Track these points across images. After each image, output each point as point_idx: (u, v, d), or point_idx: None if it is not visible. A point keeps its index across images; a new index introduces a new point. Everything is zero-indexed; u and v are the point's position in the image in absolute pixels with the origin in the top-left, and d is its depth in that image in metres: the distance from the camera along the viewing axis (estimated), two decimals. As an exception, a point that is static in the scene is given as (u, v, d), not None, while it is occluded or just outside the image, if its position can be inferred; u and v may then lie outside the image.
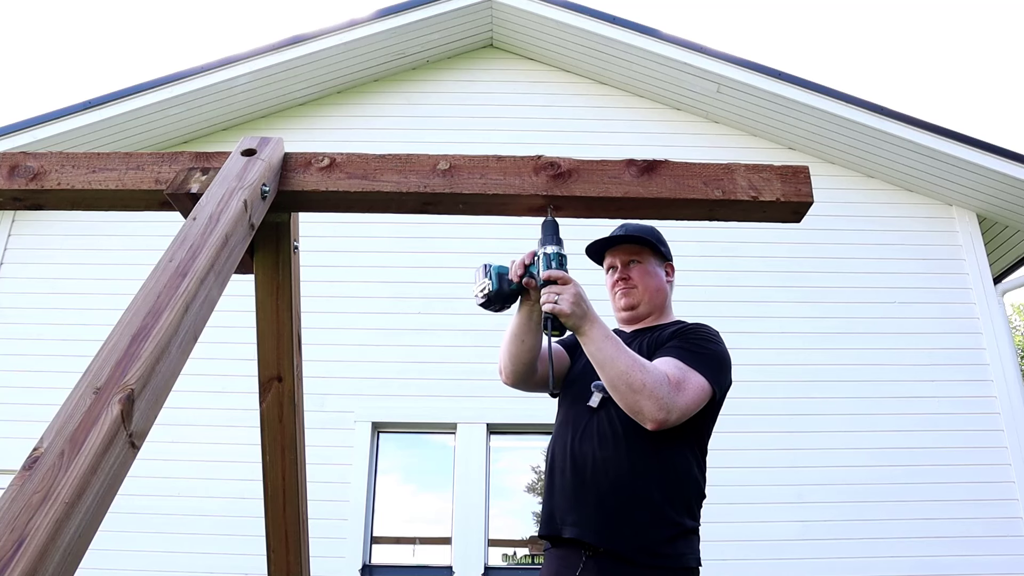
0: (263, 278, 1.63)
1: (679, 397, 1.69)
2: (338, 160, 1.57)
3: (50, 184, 1.53)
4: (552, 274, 1.61)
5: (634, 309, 2.02)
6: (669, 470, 1.77)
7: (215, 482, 4.91)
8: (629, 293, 2.02)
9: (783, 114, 5.81)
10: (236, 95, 5.85)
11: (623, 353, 1.65)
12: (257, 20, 43.10)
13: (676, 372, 1.73)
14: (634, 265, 2.04)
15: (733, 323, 5.33)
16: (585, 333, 1.64)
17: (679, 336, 1.89)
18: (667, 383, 1.67)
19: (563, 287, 1.60)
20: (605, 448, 1.77)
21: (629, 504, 1.72)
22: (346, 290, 5.48)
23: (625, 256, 2.05)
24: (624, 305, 2.03)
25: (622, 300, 2.03)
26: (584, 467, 1.78)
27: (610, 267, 2.09)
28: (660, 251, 2.08)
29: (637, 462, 1.74)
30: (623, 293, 2.03)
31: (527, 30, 6.14)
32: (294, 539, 1.89)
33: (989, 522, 4.84)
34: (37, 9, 37.18)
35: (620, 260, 2.05)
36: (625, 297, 2.02)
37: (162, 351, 1.05)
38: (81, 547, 0.87)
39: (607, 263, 2.11)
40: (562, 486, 1.82)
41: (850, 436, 5.06)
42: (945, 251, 5.68)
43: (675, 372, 1.73)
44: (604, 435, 1.79)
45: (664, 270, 2.09)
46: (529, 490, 5.25)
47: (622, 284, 2.03)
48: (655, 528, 1.71)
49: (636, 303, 2.02)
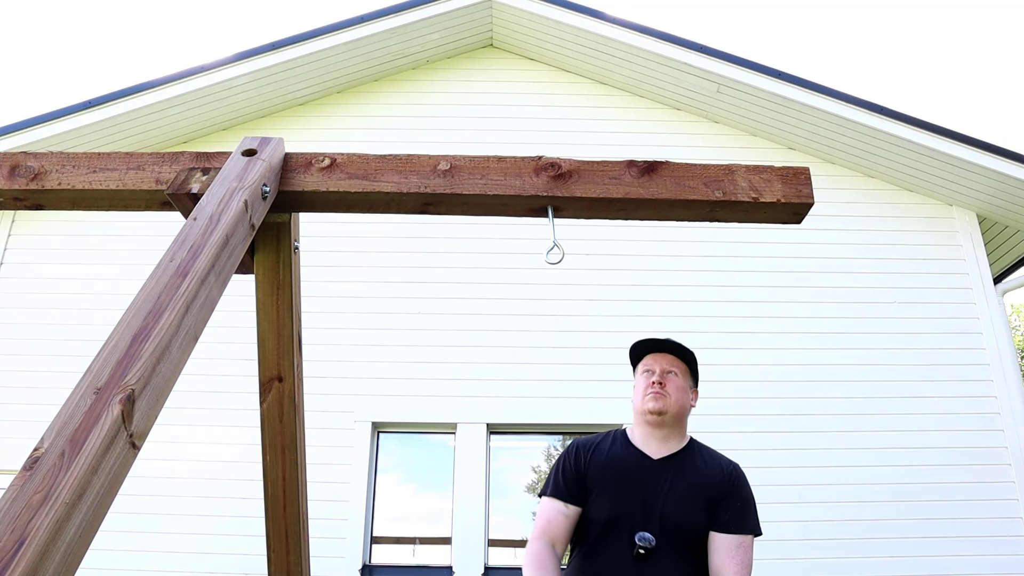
0: (263, 278, 1.63)
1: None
2: (339, 160, 1.57)
3: (50, 184, 1.53)
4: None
5: (661, 415, 2.09)
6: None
7: (215, 482, 4.90)
8: (660, 398, 2.09)
9: (783, 114, 5.81)
10: (236, 95, 5.85)
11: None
12: (257, 20, 43.09)
13: (740, 572, 1.94)
14: (671, 376, 2.13)
15: (733, 323, 5.34)
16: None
17: (734, 511, 2.01)
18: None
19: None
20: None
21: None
22: (346, 290, 5.48)
23: (667, 365, 2.15)
24: (653, 408, 2.09)
25: (651, 403, 2.09)
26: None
27: (646, 369, 2.17)
28: (695, 374, 2.21)
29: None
30: (655, 396, 2.09)
31: (527, 30, 6.14)
32: (294, 539, 1.89)
33: (989, 522, 4.84)
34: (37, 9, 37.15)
35: (660, 367, 2.15)
36: (655, 401, 2.09)
37: (163, 351, 1.05)
38: (81, 547, 0.87)
39: (645, 365, 2.19)
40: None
41: (850, 436, 5.06)
42: (945, 251, 5.68)
43: (741, 572, 1.93)
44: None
45: (692, 394, 2.20)
46: (529, 490, 5.25)
47: (657, 387, 2.10)
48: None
49: (665, 410, 2.08)
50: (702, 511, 1.99)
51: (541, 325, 5.28)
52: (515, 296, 5.37)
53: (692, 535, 1.96)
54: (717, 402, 4.72)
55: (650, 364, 2.16)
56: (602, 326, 5.26)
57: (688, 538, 1.96)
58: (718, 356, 5.15)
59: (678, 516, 1.96)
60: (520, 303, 5.34)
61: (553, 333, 5.25)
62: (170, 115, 5.78)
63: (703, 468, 2.07)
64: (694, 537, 1.97)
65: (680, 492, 2.00)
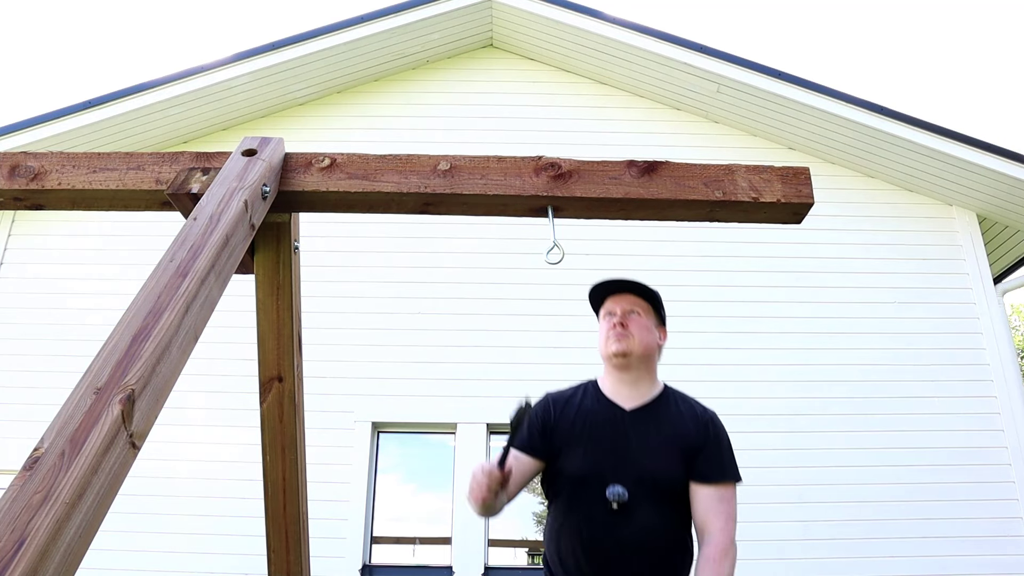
0: (263, 278, 1.63)
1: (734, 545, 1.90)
2: (339, 160, 1.57)
3: (50, 184, 1.53)
4: None
5: (625, 356, 2.00)
6: (687, 557, 1.96)
7: (215, 482, 4.90)
8: (623, 339, 2.00)
9: (783, 114, 5.81)
10: (236, 95, 5.85)
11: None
12: (257, 20, 43.09)
13: (726, 526, 1.89)
14: (634, 316, 2.05)
15: (733, 323, 5.34)
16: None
17: (713, 460, 1.96)
18: (729, 551, 1.85)
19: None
20: (634, 558, 1.88)
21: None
22: (346, 290, 5.48)
23: (627, 305, 2.07)
24: (616, 351, 2.00)
25: (614, 345, 2.01)
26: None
27: (607, 312, 2.09)
28: (659, 313, 2.12)
29: (664, 565, 1.90)
30: (618, 338, 2.01)
31: (527, 30, 6.14)
32: (294, 539, 1.89)
33: (989, 522, 4.84)
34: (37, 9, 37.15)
35: (621, 307, 2.06)
36: (618, 343, 2.00)
37: (163, 351, 1.05)
38: (81, 547, 0.87)
39: (605, 308, 2.11)
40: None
41: (850, 436, 5.06)
42: (945, 251, 5.68)
43: (725, 528, 1.88)
44: (631, 544, 1.88)
45: (659, 332, 2.11)
46: (529, 490, 5.24)
47: (619, 329, 2.02)
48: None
49: (629, 350, 2.00)
50: (679, 463, 1.93)
51: (541, 325, 5.28)
52: (515, 296, 5.37)
53: (669, 488, 1.92)
54: (717, 402, 4.70)
55: (611, 307, 2.08)
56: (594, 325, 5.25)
57: (666, 491, 1.91)
58: (718, 356, 5.15)
59: (654, 470, 1.91)
60: (520, 303, 5.34)
61: (553, 333, 5.25)
62: (170, 115, 5.78)
63: (678, 418, 2.00)
64: (671, 490, 1.92)
65: (656, 444, 1.95)
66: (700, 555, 1.86)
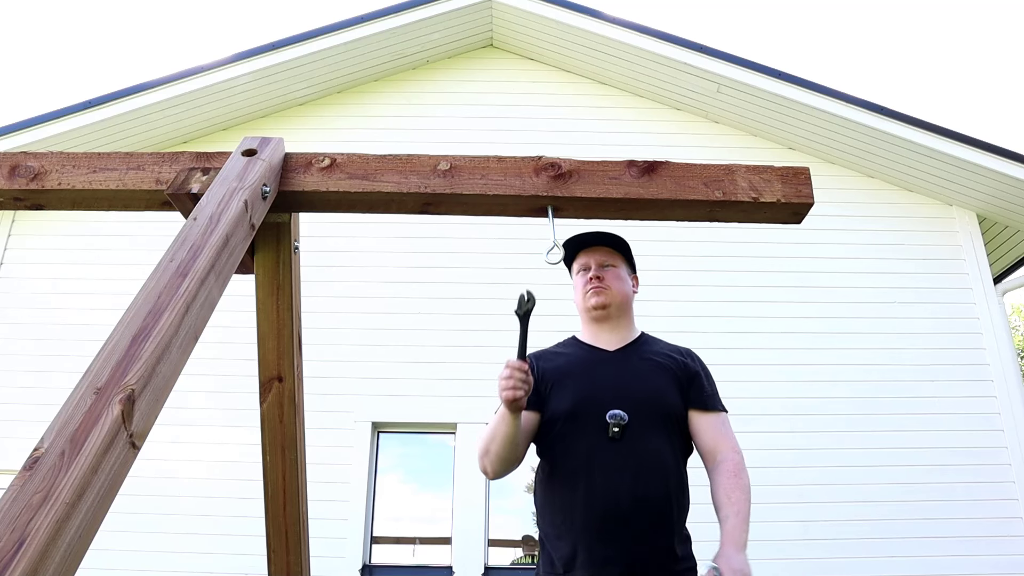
0: (263, 278, 1.63)
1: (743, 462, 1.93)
2: (339, 160, 1.57)
3: (51, 184, 1.53)
4: None
5: (604, 308, 2.06)
6: (685, 488, 1.92)
7: (215, 482, 4.90)
8: (601, 293, 2.06)
9: (783, 114, 5.81)
10: (236, 95, 5.85)
11: (747, 512, 1.84)
12: (257, 20, 43.10)
13: (736, 446, 1.94)
14: (608, 269, 2.10)
15: (733, 323, 5.34)
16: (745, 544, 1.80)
17: (707, 388, 2.01)
18: (744, 468, 1.90)
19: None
20: (640, 485, 1.82)
21: (662, 534, 1.82)
22: (346, 290, 5.48)
23: (601, 258, 2.11)
24: (595, 304, 2.06)
25: (593, 299, 2.06)
26: (620, 506, 1.80)
27: (583, 267, 2.14)
28: (631, 262, 2.18)
29: (668, 492, 1.84)
30: (595, 292, 2.06)
31: (527, 30, 6.14)
32: (294, 539, 1.89)
33: (989, 522, 4.84)
34: (37, 9, 37.16)
35: (596, 261, 2.11)
36: (596, 296, 2.06)
37: (163, 351, 1.05)
38: (81, 547, 0.87)
39: (580, 263, 2.15)
40: (598, 526, 1.80)
41: (850, 436, 5.06)
42: (945, 251, 5.68)
43: (736, 448, 1.94)
44: (635, 470, 1.83)
45: (631, 280, 2.16)
46: (529, 490, 5.24)
47: (596, 282, 2.07)
48: (677, 546, 1.85)
49: (608, 302, 2.06)
50: (673, 388, 1.95)
51: (541, 325, 5.26)
52: (515, 296, 5.36)
53: (665, 412, 1.91)
54: (717, 402, 4.72)
55: (584, 261, 2.13)
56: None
57: (662, 415, 1.90)
58: (718, 356, 5.11)
59: (650, 392, 1.92)
60: (520, 303, 5.33)
61: (553, 333, 5.23)
62: (170, 115, 5.78)
63: (661, 351, 2.05)
64: (667, 414, 1.91)
65: (647, 370, 1.97)
66: (717, 472, 1.87)
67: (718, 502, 1.84)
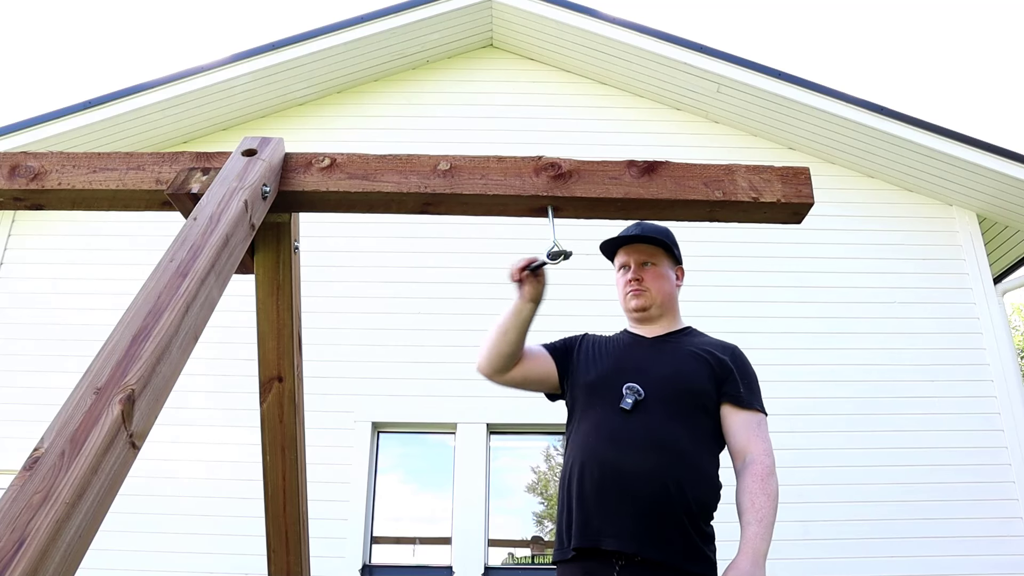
0: (264, 278, 1.63)
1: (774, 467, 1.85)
2: (339, 160, 1.57)
3: (51, 184, 1.53)
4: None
5: (645, 311, 2.04)
6: (703, 479, 1.82)
7: (215, 482, 4.90)
8: (641, 295, 2.03)
9: (783, 114, 5.81)
10: (236, 95, 5.85)
11: (770, 521, 1.76)
12: (257, 20, 43.10)
13: (768, 450, 1.86)
14: (648, 267, 2.05)
15: (733, 323, 5.33)
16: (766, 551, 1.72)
17: (744, 385, 1.93)
18: (773, 473, 1.82)
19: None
20: (645, 457, 1.77)
21: (670, 513, 1.74)
22: (346, 290, 5.48)
23: (640, 256, 2.06)
24: (636, 306, 2.04)
25: (633, 301, 2.04)
26: (622, 476, 1.76)
27: (623, 265, 2.10)
28: (673, 253, 2.10)
29: (676, 471, 1.76)
30: (635, 294, 2.04)
31: (527, 30, 6.13)
32: (294, 539, 1.89)
33: (989, 522, 4.84)
34: (37, 9, 37.16)
35: (634, 260, 2.06)
36: (636, 299, 2.04)
37: (163, 351, 1.05)
38: (81, 547, 0.87)
39: (620, 261, 2.11)
40: (597, 495, 1.78)
41: (850, 436, 5.06)
42: (945, 251, 5.68)
43: (768, 452, 1.86)
44: (642, 443, 1.78)
45: (675, 273, 2.11)
46: (529, 490, 5.24)
47: (635, 285, 2.04)
48: (691, 534, 1.75)
49: (648, 305, 2.03)
50: (707, 377, 1.89)
51: (541, 325, 5.26)
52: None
53: (689, 397, 1.85)
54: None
55: (624, 259, 2.09)
56: (602, 326, 5.25)
57: (685, 399, 1.84)
58: (718, 356, 5.14)
59: (674, 374, 1.88)
60: (520, 303, 5.33)
61: (553, 333, 5.23)
62: (170, 115, 5.78)
63: (703, 343, 2.01)
64: (692, 400, 1.85)
65: (679, 356, 1.94)
66: (744, 475, 1.80)
67: (741, 507, 1.77)
